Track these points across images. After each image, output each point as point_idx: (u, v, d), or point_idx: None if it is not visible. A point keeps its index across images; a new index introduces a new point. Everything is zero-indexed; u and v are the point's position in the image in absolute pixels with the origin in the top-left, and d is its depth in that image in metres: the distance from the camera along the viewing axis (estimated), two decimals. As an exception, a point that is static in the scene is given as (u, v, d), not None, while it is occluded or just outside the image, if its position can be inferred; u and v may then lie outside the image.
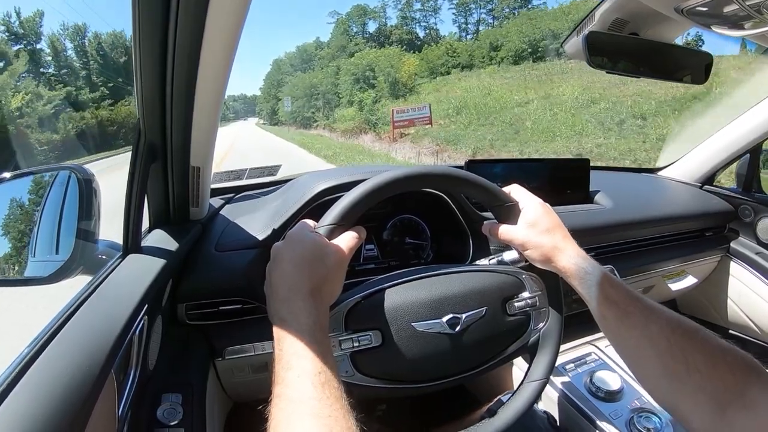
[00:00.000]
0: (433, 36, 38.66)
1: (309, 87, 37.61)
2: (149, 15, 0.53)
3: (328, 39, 43.64)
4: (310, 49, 47.64)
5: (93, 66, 37.46)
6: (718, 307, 1.57)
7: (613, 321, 0.59)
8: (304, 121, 36.64)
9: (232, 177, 1.31)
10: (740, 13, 0.49)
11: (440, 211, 1.03)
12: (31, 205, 0.74)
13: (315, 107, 35.90)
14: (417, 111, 17.71)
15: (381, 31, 39.72)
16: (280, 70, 52.24)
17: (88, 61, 37.48)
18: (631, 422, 0.87)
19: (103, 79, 36.59)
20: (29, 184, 0.74)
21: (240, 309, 0.86)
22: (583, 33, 0.76)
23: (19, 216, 0.74)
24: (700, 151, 1.54)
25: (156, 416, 0.70)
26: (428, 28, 39.75)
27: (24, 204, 0.74)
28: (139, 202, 0.70)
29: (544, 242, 0.65)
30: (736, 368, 0.49)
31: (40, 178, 0.77)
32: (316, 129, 33.45)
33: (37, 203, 0.74)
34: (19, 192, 0.73)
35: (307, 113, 36.22)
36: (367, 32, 40.64)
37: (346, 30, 41.36)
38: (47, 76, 33.08)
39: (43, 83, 30.80)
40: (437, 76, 31.30)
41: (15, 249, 0.73)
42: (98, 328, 0.51)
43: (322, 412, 0.43)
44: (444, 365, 0.65)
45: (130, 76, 0.63)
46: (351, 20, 41.67)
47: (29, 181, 0.75)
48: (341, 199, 0.61)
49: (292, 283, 0.53)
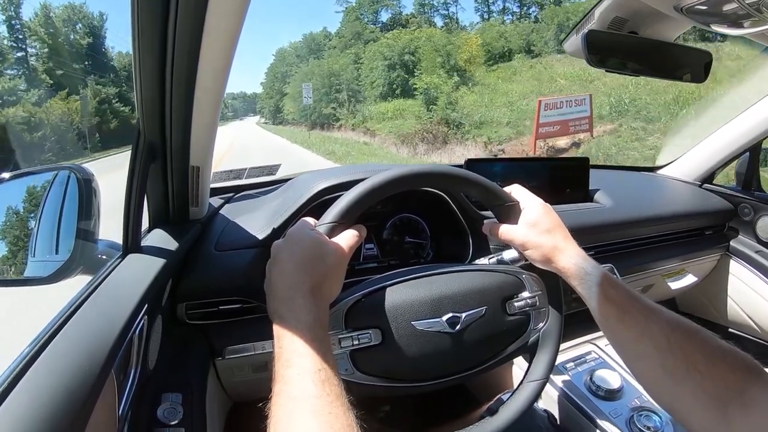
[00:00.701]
0: (453, 25, 33.33)
1: (328, 76, 28.29)
2: (148, 14, 0.53)
3: (338, 28, 36.58)
4: (318, 38, 39.47)
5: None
6: (717, 306, 1.57)
7: (613, 321, 0.59)
8: (321, 120, 28.00)
9: (231, 176, 1.31)
10: (740, 11, 0.49)
11: (440, 211, 1.03)
12: (30, 206, 0.74)
13: (337, 101, 26.92)
14: (574, 107, 10.04)
15: (396, 20, 34.39)
16: (285, 61, 43.91)
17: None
18: (631, 421, 0.87)
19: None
20: (29, 185, 0.74)
21: (240, 308, 0.86)
22: (583, 32, 0.76)
23: (19, 216, 0.74)
24: (699, 149, 1.54)
25: (156, 416, 0.71)
26: (448, 17, 35.07)
27: (21, 207, 0.74)
28: (139, 202, 0.70)
29: (544, 242, 0.65)
30: (736, 368, 0.49)
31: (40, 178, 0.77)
32: (339, 130, 24.71)
33: (36, 204, 0.74)
34: (18, 192, 0.73)
35: (326, 109, 27.14)
36: (379, 21, 35.69)
37: (358, 17, 35.24)
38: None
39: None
40: (497, 62, 23.66)
41: (15, 249, 0.73)
42: (98, 327, 0.51)
43: (322, 410, 0.43)
44: (443, 364, 0.65)
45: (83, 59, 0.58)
46: (362, 8, 35.54)
47: (29, 182, 0.75)
48: (342, 197, 0.61)
49: (292, 282, 0.53)
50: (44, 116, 21.69)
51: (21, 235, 0.73)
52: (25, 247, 0.74)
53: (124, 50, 35.40)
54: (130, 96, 26.05)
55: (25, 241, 0.74)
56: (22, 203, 0.74)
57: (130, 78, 0.64)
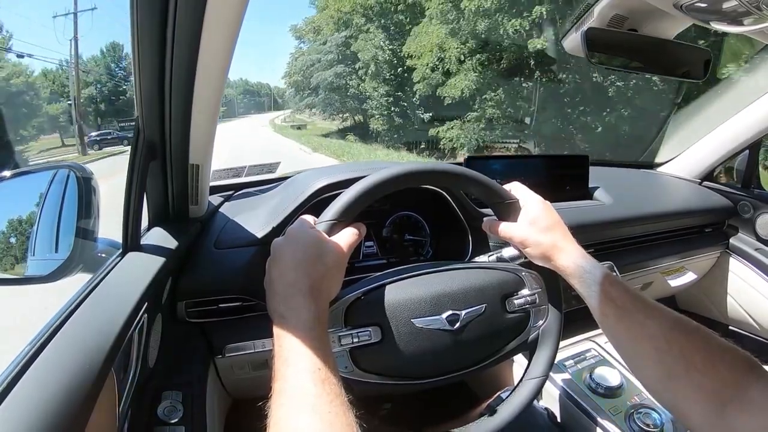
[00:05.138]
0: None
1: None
2: (148, 13, 0.53)
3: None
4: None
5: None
6: (717, 303, 1.57)
7: (612, 319, 0.59)
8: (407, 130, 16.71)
9: (231, 174, 1.31)
10: (739, 9, 0.49)
11: (439, 208, 1.03)
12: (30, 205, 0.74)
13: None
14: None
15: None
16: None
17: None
18: (630, 418, 0.88)
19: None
20: (29, 183, 0.74)
21: (239, 306, 0.86)
22: (582, 29, 0.76)
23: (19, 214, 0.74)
24: (699, 147, 1.54)
25: (156, 414, 0.71)
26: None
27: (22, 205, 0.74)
28: (139, 200, 0.70)
29: (543, 240, 0.65)
30: (736, 367, 0.49)
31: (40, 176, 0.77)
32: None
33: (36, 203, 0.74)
34: (18, 190, 0.73)
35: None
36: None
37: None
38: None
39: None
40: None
41: (15, 247, 0.73)
42: (98, 326, 0.51)
43: (321, 408, 0.43)
44: (443, 362, 0.65)
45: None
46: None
47: (29, 180, 0.75)
48: (341, 195, 0.61)
49: (292, 280, 0.53)
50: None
51: (21, 234, 0.73)
52: (24, 245, 0.74)
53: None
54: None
55: (24, 239, 0.73)
56: (22, 201, 0.74)
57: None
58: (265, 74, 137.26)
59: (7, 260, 0.73)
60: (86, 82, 28.38)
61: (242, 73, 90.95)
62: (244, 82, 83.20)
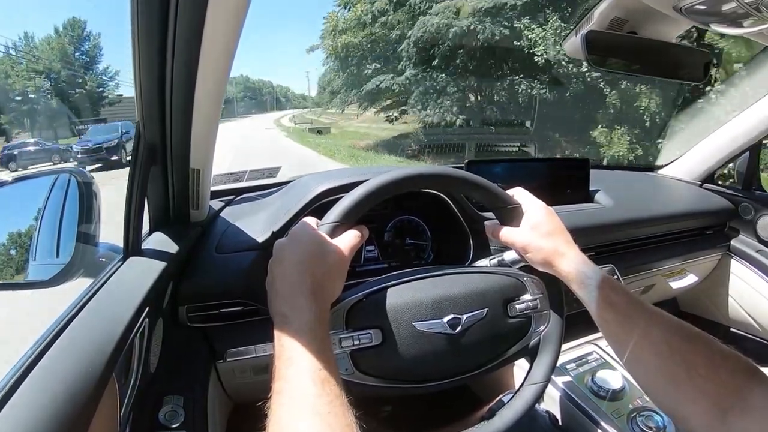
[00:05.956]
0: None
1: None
2: (148, 16, 0.53)
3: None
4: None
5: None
6: (718, 305, 1.56)
7: (613, 325, 0.59)
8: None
9: (232, 179, 1.32)
10: (739, 10, 0.49)
11: (440, 212, 1.03)
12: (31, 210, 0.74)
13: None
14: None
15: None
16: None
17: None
18: (633, 421, 0.87)
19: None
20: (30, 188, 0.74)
21: (241, 311, 0.86)
22: (582, 32, 0.76)
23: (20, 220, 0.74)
24: (699, 149, 1.54)
25: (158, 419, 0.71)
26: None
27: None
28: (140, 205, 0.70)
29: (545, 246, 0.65)
30: (737, 373, 0.49)
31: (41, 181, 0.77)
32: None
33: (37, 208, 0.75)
34: (19, 195, 0.73)
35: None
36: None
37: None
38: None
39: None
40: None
41: (17, 252, 0.73)
42: (99, 331, 0.51)
43: (321, 409, 0.43)
44: (444, 366, 0.65)
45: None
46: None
47: (30, 185, 0.75)
48: (344, 197, 0.61)
49: (294, 281, 0.53)
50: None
51: (22, 238, 0.73)
52: (26, 250, 0.74)
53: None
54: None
55: (26, 244, 0.74)
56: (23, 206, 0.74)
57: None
58: (266, 72, 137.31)
59: (9, 264, 0.73)
60: (35, 71, 25.69)
61: (242, 69, 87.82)
62: (245, 79, 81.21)
